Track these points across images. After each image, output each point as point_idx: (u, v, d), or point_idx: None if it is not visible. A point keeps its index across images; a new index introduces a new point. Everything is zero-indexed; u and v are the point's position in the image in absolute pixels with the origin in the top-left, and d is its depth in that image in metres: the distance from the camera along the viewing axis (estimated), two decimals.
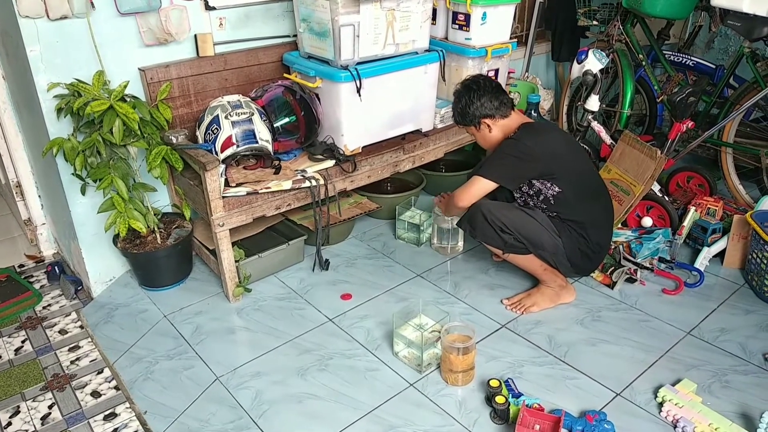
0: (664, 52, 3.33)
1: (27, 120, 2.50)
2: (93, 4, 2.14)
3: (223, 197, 2.22)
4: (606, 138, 2.89)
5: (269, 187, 2.31)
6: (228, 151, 2.25)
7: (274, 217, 2.62)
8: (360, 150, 2.58)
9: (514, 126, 2.21)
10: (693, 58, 3.35)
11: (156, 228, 2.38)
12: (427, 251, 2.72)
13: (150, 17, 2.29)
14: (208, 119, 2.30)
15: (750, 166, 2.93)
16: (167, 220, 2.55)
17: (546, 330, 2.18)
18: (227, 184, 2.29)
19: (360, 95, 2.42)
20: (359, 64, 2.42)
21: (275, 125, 2.44)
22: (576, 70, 2.77)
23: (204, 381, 2.02)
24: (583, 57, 2.71)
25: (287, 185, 2.34)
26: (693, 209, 2.65)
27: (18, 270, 2.81)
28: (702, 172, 2.92)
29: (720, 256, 2.55)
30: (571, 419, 1.70)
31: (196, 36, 2.45)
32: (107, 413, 1.97)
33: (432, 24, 2.67)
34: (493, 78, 2.87)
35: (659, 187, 2.75)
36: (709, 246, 2.51)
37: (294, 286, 2.49)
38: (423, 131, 2.78)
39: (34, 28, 2.07)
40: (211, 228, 2.24)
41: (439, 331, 1.96)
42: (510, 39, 2.87)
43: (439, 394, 1.91)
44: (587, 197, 2.20)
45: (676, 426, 1.74)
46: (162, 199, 2.61)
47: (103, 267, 2.53)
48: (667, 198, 2.78)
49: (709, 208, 2.68)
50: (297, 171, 2.42)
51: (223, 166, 2.26)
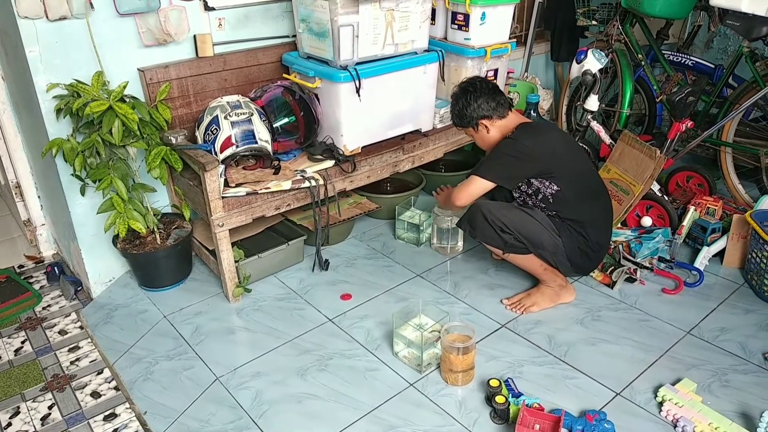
0: (663, 51, 3.33)
1: (26, 120, 2.50)
2: (92, 4, 2.14)
3: (223, 197, 2.22)
4: (605, 138, 2.89)
5: (269, 188, 2.31)
6: (227, 152, 2.25)
7: (273, 218, 2.62)
8: (359, 150, 2.58)
9: (511, 126, 2.21)
10: (692, 57, 3.35)
11: (155, 228, 2.38)
12: (427, 251, 2.72)
13: (149, 18, 2.30)
14: (207, 120, 2.30)
15: (749, 165, 2.93)
16: (167, 220, 2.55)
17: (546, 330, 2.18)
18: (227, 184, 2.29)
19: (359, 95, 2.42)
20: (358, 64, 2.42)
21: (275, 125, 2.44)
22: (575, 70, 2.77)
23: (204, 381, 2.01)
24: (583, 57, 2.71)
25: (287, 185, 2.34)
26: (692, 209, 2.65)
27: (18, 271, 2.81)
28: (701, 171, 2.92)
29: (720, 255, 2.55)
30: (571, 419, 1.70)
31: (195, 36, 2.45)
32: (107, 414, 1.97)
33: (431, 24, 2.67)
34: (492, 78, 2.89)
35: (659, 187, 2.75)
36: (709, 245, 2.51)
37: (294, 286, 2.49)
38: (422, 131, 2.78)
39: (33, 28, 2.07)
40: (211, 228, 2.24)
41: (439, 331, 1.96)
42: (509, 39, 2.87)
43: (439, 394, 1.91)
44: (586, 196, 2.20)
45: (676, 425, 1.74)
46: (161, 200, 2.61)
47: (103, 267, 2.53)
48: (667, 197, 2.78)
49: (709, 207, 2.68)
50: (296, 171, 2.42)
51: (223, 166, 2.26)
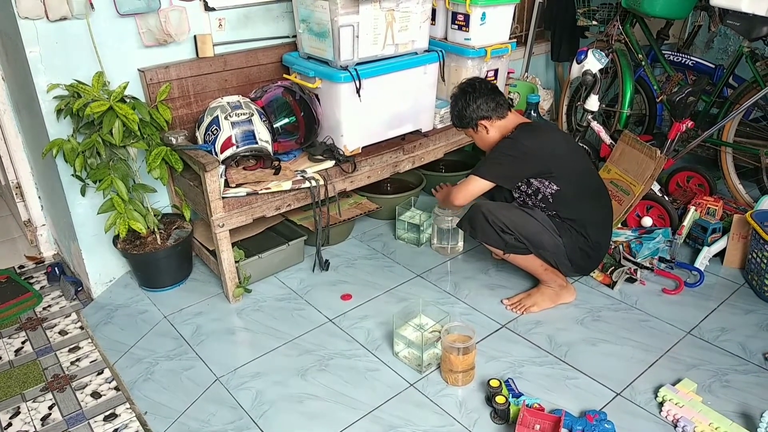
0: (663, 51, 3.33)
1: (27, 121, 2.50)
2: (92, 5, 2.14)
3: (223, 198, 2.22)
4: (606, 138, 2.89)
5: (269, 188, 2.31)
6: (228, 152, 2.25)
7: (274, 218, 2.63)
8: (360, 150, 2.58)
9: (511, 126, 2.21)
10: (692, 57, 3.35)
11: (156, 229, 2.38)
12: (427, 251, 2.72)
13: (149, 18, 2.30)
14: (207, 120, 2.30)
15: (750, 165, 2.93)
16: (167, 221, 2.55)
17: (546, 330, 2.18)
18: (227, 184, 2.29)
19: (359, 96, 2.42)
20: (359, 64, 2.42)
21: (275, 126, 2.44)
22: (575, 70, 2.77)
23: (204, 381, 2.02)
24: (583, 57, 2.71)
25: (287, 186, 2.34)
26: (693, 209, 2.64)
27: (18, 271, 2.81)
28: (702, 171, 2.92)
29: (720, 255, 2.55)
30: (572, 419, 1.70)
31: (195, 37, 2.45)
32: (107, 414, 1.98)
33: (431, 24, 2.67)
34: (493, 78, 2.89)
35: (659, 187, 2.75)
36: (709, 246, 2.51)
37: (294, 286, 2.49)
38: (423, 131, 2.78)
39: (33, 29, 2.07)
40: (211, 229, 2.24)
41: (439, 332, 1.96)
42: (509, 39, 2.87)
43: (440, 394, 1.91)
44: (586, 196, 2.20)
45: (676, 425, 1.74)
46: (162, 200, 2.62)
47: (103, 268, 2.53)
48: (667, 198, 2.78)
49: (709, 207, 2.68)
50: (297, 171, 2.42)
51: (223, 166, 2.26)
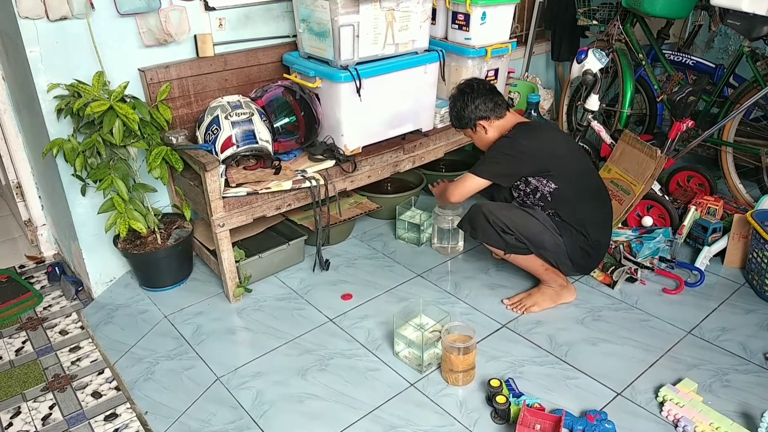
0: (663, 51, 3.32)
1: (27, 121, 2.50)
2: (93, 4, 2.14)
3: (224, 198, 2.22)
4: (606, 137, 2.89)
5: (269, 188, 2.31)
6: (228, 152, 2.25)
7: (274, 218, 2.62)
8: (360, 150, 2.57)
9: (509, 126, 2.22)
10: (693, 57, 3.35)
11: (156, 228, 2.38)
12: (428, 251, 2.72)
13: (150, 18, 2.30)
14: (208, 120, 2.30)
15: (750, 165, 2.93)
16: (167, 220, 2.55)
17: (546, 330, 2.18)
18: (227, 184, 2.29)
19: (360, 95, 2.42)
20: (359, 64, 2.42)
21: (275, 125, 2.44)
22: (576, 69, 2.77)
23: (205, 381, 2.02)
24: (583, 56, 2.71)
25: (287, 185, 2.34)
26: (693, 208, 2.64)
27: (18, 271, 2.81)
28: (702, 171, 2.91)
29: (720, 255, 2.55)
30: (572, 419, 1.70)
31: (195, 36, 2.45)
32: (108, 414, 1.98)
33: (432, 24, 2.67)
34: (493, 78, 2.89)
35: (659, 187, 2.75)
36: (710, 245, 2.51)
37: (294, 286, 2.49)
38: (423, 131, 2.78)
39: (33, 29, 2.07)
40: (212, 228, 2.24)
41: (440, 331, 1.96)
42: (510, 39, 2.87)
43: (440, 394, 1.91)
44: (586, 196, 2.20)
45: (677, 425, 1.74)
46: (162, 200, 2.62)
47: (104, 268, 2.53)
48: (668, 197, 2.78)
49: (710, 207, 2.68)
50: (297, 171, 2.42)
51: (223, 166, 2.26)
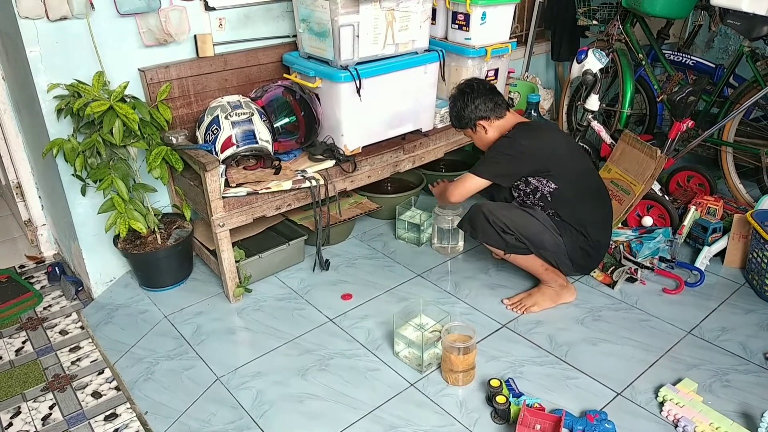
0: (663, 51, 3.32)
1: (27, 121, 2.50)
2: (93, 4, 2.14)
3: (224, 198, 2.22)
4: (606, 137, 2.89)
5: (269, 188, 2.31)
6: (228, 152, 2.25)
7: (274, 218, 2.62)
8: (360, 150, 2.57)
9: (509, 126, 2.22)
10: (693, 57, 3.35)
11: (156, 228, 2.38)
12: (428, 251, 2.72)
13: (150, 18, 2.30)
14: (208, 120, 2.30)
15: (750, 165, 2.93)
16: (167, 220, 2.55)
17: (546, 330, 2.18)
18: (227, 184, 2.29)
19: (360, 95, 2.42)
20: (359, 64, 2.42)
21: (275, 125, 2.44)
22: (576, 69, 2.77)
23: (205, 381, 2.02)
24: (583, 56, 2.71)
25: (287, 185, 2.34)
26: (693, 208, 2.64)
27: (18, 271, 2.81)
28: (702, 171, 2.91)
29: (720, 255, 2.55)
30: (572, 419, 1.70)
31: (195, 36, 2.45)
32: (108, 414, 1.98)
33: (432, 24, 2.67)
34: (493, 78, 2.89)
35: (659, 187, 2.75)
36: (710, 245, 2.51)
37: (294, 286, 2.49)
38: (423, 131, 2.78)
39: (33, 29, 2.07)
40: (212, 228, 2.24)
41: (440, 331, 1.96)
42: (510, 39, 2.87)
43: (440, 394, 1.91)
44: (586, 196, 2.21)
45: (677, 425, 1.74)
46: (162, 200, 2.62)
47: (104, 268, 2.53)
48: (668, 197, 2.78)
49: (710, 207, 2.68)
50: (297, 171, 2.42)
51: (223, 166, 2.26)
